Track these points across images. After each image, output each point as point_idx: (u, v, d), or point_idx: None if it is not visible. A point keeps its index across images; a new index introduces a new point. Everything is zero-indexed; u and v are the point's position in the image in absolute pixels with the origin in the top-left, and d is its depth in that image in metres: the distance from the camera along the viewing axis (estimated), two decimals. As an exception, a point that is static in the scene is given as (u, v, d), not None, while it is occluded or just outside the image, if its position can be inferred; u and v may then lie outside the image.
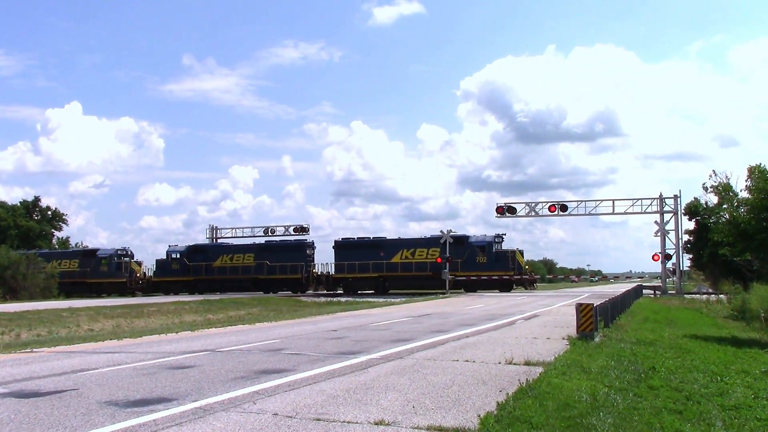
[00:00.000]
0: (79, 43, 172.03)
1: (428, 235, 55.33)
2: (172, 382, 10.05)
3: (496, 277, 52.06)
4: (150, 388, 9.55)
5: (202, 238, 69.10)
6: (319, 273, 59.43)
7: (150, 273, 63.75)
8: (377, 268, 55.32)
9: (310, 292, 58.01)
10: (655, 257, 48.19)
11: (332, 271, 58.12)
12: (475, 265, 52.73)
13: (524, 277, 54.34)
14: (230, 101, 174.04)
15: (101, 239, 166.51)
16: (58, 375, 11.21)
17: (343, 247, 57.83)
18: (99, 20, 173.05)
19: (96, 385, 9.89)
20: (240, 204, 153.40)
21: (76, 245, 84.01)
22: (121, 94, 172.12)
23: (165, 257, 62.72)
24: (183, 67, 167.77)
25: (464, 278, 52.57)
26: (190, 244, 63.75)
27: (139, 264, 65.17)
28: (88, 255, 64.04)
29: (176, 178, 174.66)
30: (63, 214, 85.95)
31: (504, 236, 55.11)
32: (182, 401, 8.44)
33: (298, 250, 58.65)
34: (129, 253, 64.15)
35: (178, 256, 61.63)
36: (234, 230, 68.57)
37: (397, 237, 58.67)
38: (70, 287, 59.48)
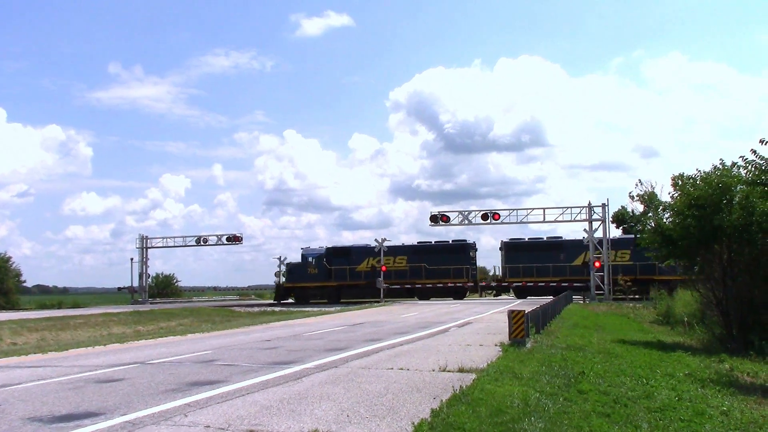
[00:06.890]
0: (3, 50, 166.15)
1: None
2: (100, 395, 9.77)
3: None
4: (76, 402, 9.26)
5: (131, 248, 67.37)
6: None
7: None
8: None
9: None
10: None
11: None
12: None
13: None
14: (161, 109, 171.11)
15: (24, 250, 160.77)
16: (-23, 391, 10.76)
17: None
18: (23, 27, 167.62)
19: (19, 401, 9.54)
20: (171, 213, 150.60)
21: None
22: (47, 102, 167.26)
23: None
24: (110, 75, 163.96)
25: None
26: None
27: None
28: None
29: (104, 187, 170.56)
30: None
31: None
32: (110, 415, 8.22)
33: None
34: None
35: None
36: (165, 239, 67.11)
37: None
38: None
